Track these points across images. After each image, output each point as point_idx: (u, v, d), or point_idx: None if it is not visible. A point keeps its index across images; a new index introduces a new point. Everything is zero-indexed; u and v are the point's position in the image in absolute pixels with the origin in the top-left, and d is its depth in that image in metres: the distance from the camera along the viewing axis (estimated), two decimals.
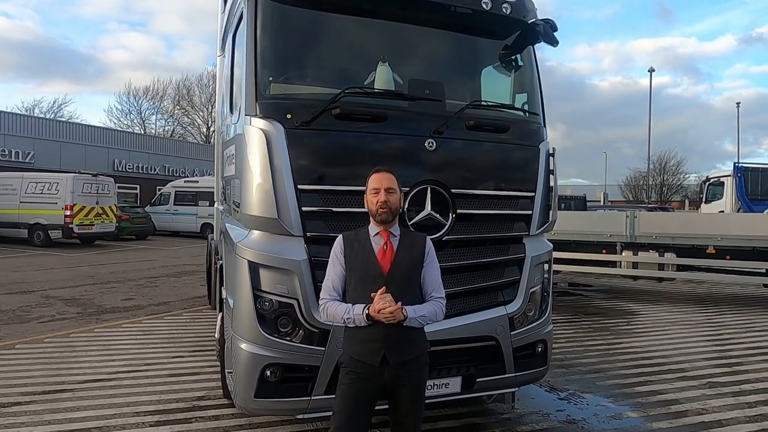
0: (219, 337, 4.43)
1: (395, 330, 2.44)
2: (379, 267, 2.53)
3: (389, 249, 2.56)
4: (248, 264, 3.28)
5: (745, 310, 8.89)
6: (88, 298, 9.06)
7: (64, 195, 17.65)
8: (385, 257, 2.55)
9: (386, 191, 2.56)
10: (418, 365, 2.58)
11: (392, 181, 2.60)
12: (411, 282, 2.58)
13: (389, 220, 2.58)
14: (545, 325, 4.04)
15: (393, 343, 2.47)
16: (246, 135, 3.39)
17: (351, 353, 2.55)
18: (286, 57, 3.59)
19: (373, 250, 2.56)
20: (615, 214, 10.57)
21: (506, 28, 3.97)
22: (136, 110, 46.41)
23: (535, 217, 3.95)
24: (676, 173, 52.54)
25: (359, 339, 2.51)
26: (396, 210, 2.59)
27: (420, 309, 2.51)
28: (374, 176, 2.63)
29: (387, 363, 2.47)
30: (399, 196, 2.63)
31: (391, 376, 2.49)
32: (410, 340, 2.54)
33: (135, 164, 30.04)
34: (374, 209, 2.57)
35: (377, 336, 2.45)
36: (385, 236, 2.58)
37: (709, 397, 4.71)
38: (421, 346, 2.61)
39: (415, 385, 2.57)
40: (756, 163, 21.17)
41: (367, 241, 2.59)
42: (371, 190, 2.60)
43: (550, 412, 4.33)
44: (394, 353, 2.47)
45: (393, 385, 2.52)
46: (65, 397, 4.46)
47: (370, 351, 2.48)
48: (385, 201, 2.54)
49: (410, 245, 2.62)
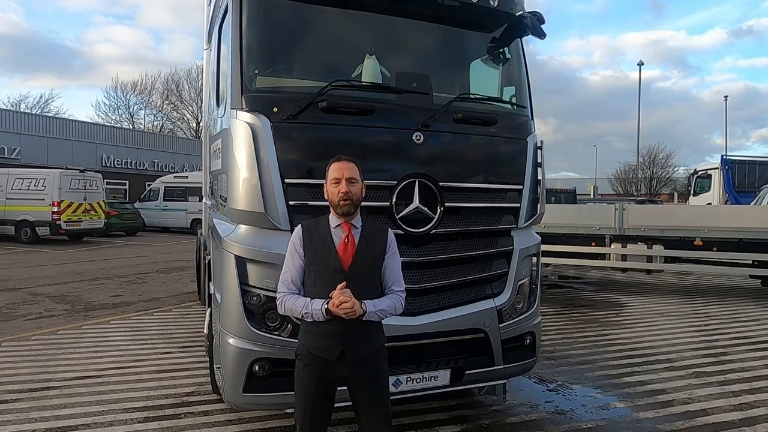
0: (208, 332, 4.41)
1: (353, 325, 2.38)
2: (339, 262, 2.42)
3: (351, 243, 2.45)
4: (235, 259, 3.27)
5: (732, 301, 9.01)
6: (76, 294, 8.98)
7: (51, 191, 17.46)
8: (346, 252, 2.44)
9: (347, 181, 2.42)
10: (376, 359, 2.51)
11: (354, 170, 2.46)
12: (372, 276, 2.49)
13: (351, 213, 2.45)
14: (533, 317, 4.06)
15: (351, 338, 2.40)
16: (232, 129, 3.36)
17: (308, 347, 2.46)
18: (272, 49, 3.56)
19: (333, 244, 2.45)
20: (604, 207, 10.66)
21: (494, 20, 3.96)
22: (124, 105, 46.02)
23: (523, 209, 3.96)
24: (665, 166, 53.05)
25: (317, 333, 2.43)
26: (358, 201, 2.47)
27: (379, 303, 2.44)
28: (334, 165, 2.48)
29: (344, 358, 2.41)
30: (361, 186, 2.49)
31: (348, 372, 2.44)
32: (368, 335, 2.47)
33: (123, 160, 29.74)
34: (335, 201, 2.43)
35: (335, 331, 2.39)
36: (346, 229, 2.47)
37: (695, 387, 4.76)
38: (379, 340, 2.54)
39: (376, 379, 2.50)
40: (743, 155, 21.39)
41: (327, 234, 2.47)
42: (331, 180, 2.45)
43: (538, 404, 4.36)
44: (351, 349, 2.41)
45: (352, 381, 2.47)
46: (52, 394, 4.42)
47: (327, 346, 2.41)
48: (346, 192, 2.41)
49: (372, 238, 2.52)
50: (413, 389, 3.51)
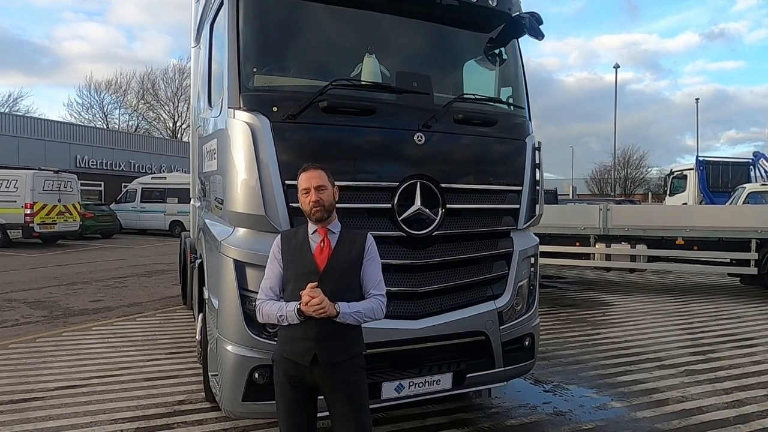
0: (200, 338, 4.28)
1: (329, 328, 2.35)
2: (314, 264, 2.43)
3: (326, 246, 2.47)
4: (234, 263, 3.16)
5: (712, 299, 9.20)
6: (54, 300, 8.67)
7: (23, 193, 16.87)
8: (321, 254, 2.45)
9: (316, 190, 2.45)
10: (352, 368, 2.44)
11: (322, 177, 2.49)
12: (349, 280, 2.47)
13: (325, 218, 2.48)
14: (532, 318, 4.05)
15: (325, 342, 2.37)
16: (229, 129, 3.26)
17: (282, 351, 2.46)
18: (270, 47, 3.46)
19: (309, 248, 2.47)
20: (588, 208, 10.78)
21: (492, 20, 3.94)
22: (98, 104, 44.82)
23: (523, 211, 3.95)
24: (639, 167, 54.31)
25: (291, 337, 2.41)
26: (330, 206, 2.49)
27: (355, 305, 2.41)
28: (302, 176, 2.52)
29: (317, 363, 2.37)
30: (332, 191, 2.51)
31: (321, 378, 2.39)
32: (344, 339, 2.43)
33: (99, 160, 28.96)
34: (308, 210, 2.47)
35: (309, 334, 2.36)
36: (322, 233, 2.49)
37: (687, 385, 4.82)
38: (356, 347, 2.49)
39: (350, 388, 2.43)
40: (717, 157, 21.96)
41: (305, 239, 2.50)
42: (301, 191, 2.49)
43: (537, 405, 4.36)
44: (325, 353, 2.37)
45: (325, 387, 2.42)
46: (35, 405, 4.23)
47: (301, 350, 2.38)
48: (316, 200, 2.44)
49: (349, 242, 2.52)
50: (415, 394, 3.46)
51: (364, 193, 3.31)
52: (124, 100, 45.61)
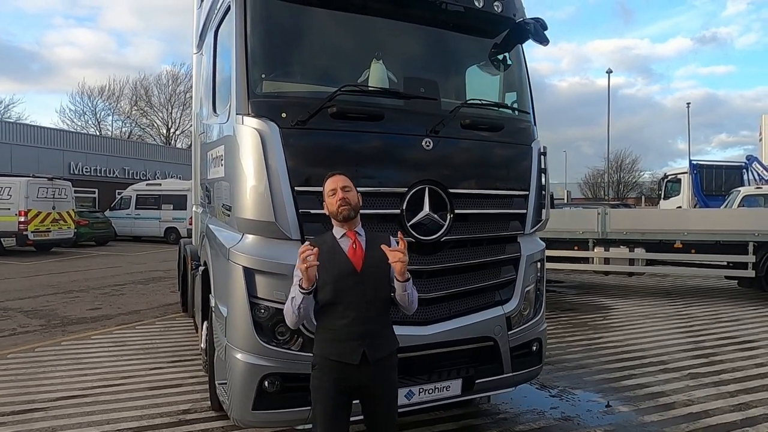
0: (205, 346, 4.24)
1: (372, 326, 2.46)
2: (351, 265, 2.49)
3: (359, 247, 2.53)
4: (243, 270, 3.14)
5: (711, 302, 9.25)
6: (51, 308, 8.58)
7: (17, 200, 16.72)
8: (355, 255, 2.52)
9: (342, 189, 2.53)
10: (391, 365, 2.56)
11: (346, 180, 2.58)
12: (382, 279, 2.54)
13: (351, 217, 2.53)
14: (540, 323, 4.04)
15: (370, 339, 2.46)
16: (238, 135, 3.24)
17: (326, 355, 2.48)
18: (278, 53, 3.46)
19: (342, 251, 2.52)
20: (587, 212, 10.83)
21: (497, 26, 3.96)
22: (90, 111, 44.59)
23: (529, 216, 3.96)
24: (632, 171, 54.67)
25: (334, 339, 2.46)
26: (356, 206, 2.55)
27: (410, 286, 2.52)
28: (328, 181, 2.60)
29: (366, 361, 2.43)
30: (356, 194, 2.59)
31: (368, 375, 2.45)
32: (385, 336, 2.55)
33: (93, 167, 28.74)
34: (335, 209, 2.53)
35: (353, 334, 2.43)
36: (351, 236, 2.55)
37: (692, 389, 4.83)
38: (394, 342, 2.61)
39: (390, 380, 2.55)
40: (711, 160, 22.21)
41: (334, 243, 2.55)
42: (328, 193, 2.56)
43: (544, 410, 4.34)
44: (372, 350, 2.45)
45: (372, 383, 2.48)
46: (38, 416, 4.17)
47: (348, 350, 2.43)
48: (343, 197, 2.50)
49: (377, 243, 2.57)
50: (426, 400, 3.43)
51: (373, 199, 3.29)
52: (117, 107, 45.47)
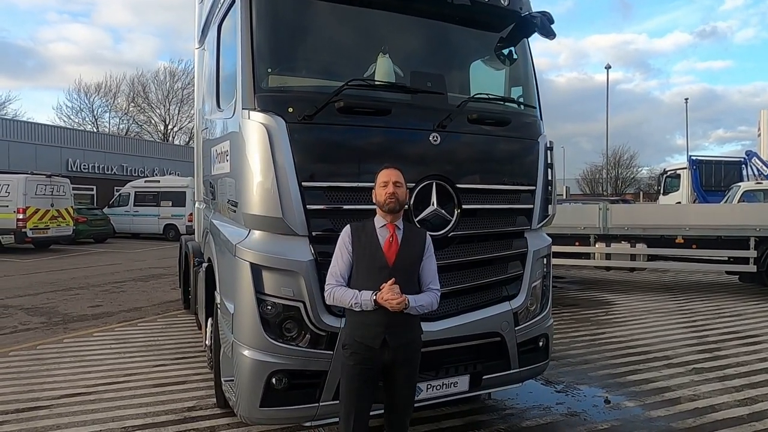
0: (210, 343, 4.22)
1: (396, 317, 2.62)
2: (385, 258, 2.69)
3: (394, 241, 2.73)
4: (250, 266, 3.11)
5: (713, 296, 9.26)
6: (52, 306, 8.54)
7: (15, 197, 16.62)
8: (390, 249, 2.71)
9: (394, 184, 2.73)
10: (413, 348, 2.78)
11: (399, 176, 2.78)
12: (411, 274, 2.76)
13: (396, 210, 2.74)
14: (546, 319, 4.03)
15: (393, 328, 2.65)
16: (244, 130, 3.21)
17: (354, 336, 2.70)
18: (284, 48, 3.42)
19: (379, 242, 2.72)
20: (588, 207, 10.80)
21: (503, 19, 3.93)
22: (87, 108, 44.32)
23: (536, 211, 3.94)
24: (629, 166, 54.67)
25: (363, 323, 2.67)
26: (403, 202, 2.76)
27: (419, 299, 2.71)
28: (383, 172, 2.80)
29: (387, 345, 2.65)
30: (405, 190, 2.80)
31: (390, 357, 2.67)
32: (408, 326, 2.73)
33: (90, 164, 28.58)
34: (383, 200, 2.73)
35: (380, 321, 2.63)
36: (390, 229, 2.74)
37: (697, 383, 4.83)
38: (417, 330, 2.82)
39: (411, 365, 2.76)
40: (710, 156, 22.15)
41: (373, 233, 2.74)
42: (380, 183, 2.76)
43: (550, 406, 4.34)
44: (393, 337, 2.66)
45: (391, 364, 2.69)
46: (42, 414, 4.14)
47: (372, 334, 2.65)
48: (393, 192, 2.71)
49: (412, 239, 2.80)
50: (434, 396, 3.42)
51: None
52: (114, 104, 45.19)
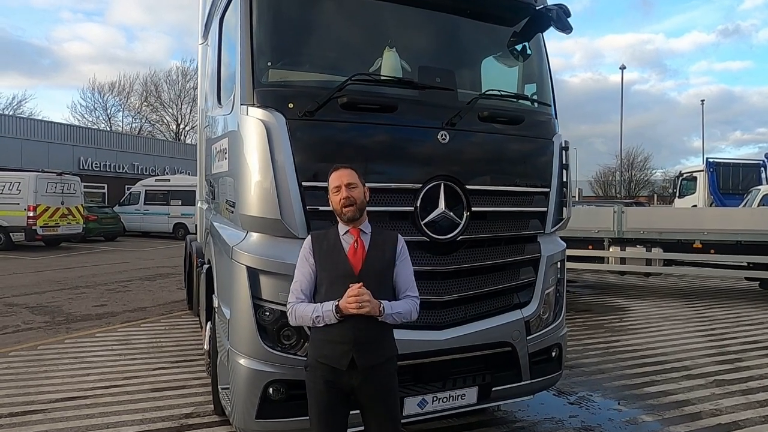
0: (208, 348, 4.08)
1: (365, 331, 2.31)
2: (349, 266, 2.39)
3: (360, 247, 2.42)
4: (247, 270, 2.96)
5: (731, 304, 8.95)
6: (57, 305, 8.48)
7: (26, 195, 16.69)
8: (356, 256, 2.41)
9: (347, 187, 2.41)
10: (387, 372, 2.42)
11: (352, 175, 2.45)
12: (383, 281, 2.43)
13: (357, 217, 2.43)
14: (560, 328, 3.83)
15: (362, 344, 2.32)
16: (242, 127, 3.06)
17: (316, 356, 2.39)
18: (286, 41, 3.25)
19: (343, 249, 2.42)
20: (602, 210, 10.52)
21: (517, 13, 3.74)
22: (101, 107, 44.71)
23: (550, 214, 3.74)
24: (643, 169, 53.88)
25: (326, 340, 2.35)
26: (362, 204, 2.44)
27: (396, 306, 2.38)
28: (333, 175, 2.48)
29: (355, 366, 2.31)
30: (362, 189, 2.46)
31: (359, 382, 2.34)
32: (379, 342, 2.40)
33: (102, 162, 28.78)
34: (338, 208, 2.43)
35: (346, 337, 2.31)
36: (354, 234, 2.45)
37: (719, 397, 4.59)
38: (390, 349, 2.47)
39: (387, 396, 2.41)
40: (727, 158, 21.69)
41: (336, 240, 2.45)
42: (332, 190, 2.46)
43: (563, 419, 4.13)
44: (362, 355, 2.32)
45: (362, 394, 2.36)
46: (35, 419, 4.02)
47: (337, 353, 2.32)
48: (347, 197, 2.40)
49: (381, 243, 2.48)
50: (439, 409, 3.24)
51: (385, 195, 3.10)
52: (127, 103, 45.55)
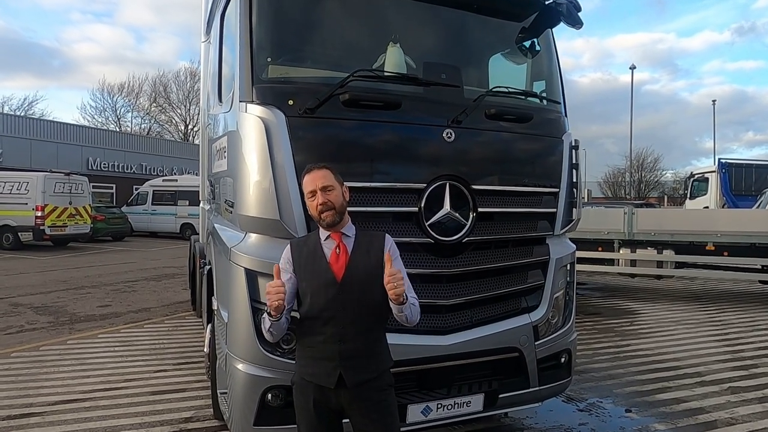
0: (208, 351, 3.99)
1: (352, 344, 2.18)
2: (331, 274, 2.21)
3: (342, 252, 2.25)
4: (245, 272, 2.86)
5: (745, 307, 8.75)
6: (61, 305, 8.46)
7: (34, 195, 16.76)
8: (338, 262, 2.24)
9: (323, 191, 2.24)
10: (380, 387, 2.25)
11: (327, 177, 2.28)
12: (371, 288, 2.22)
13: (336, 222, 2.26)
14: (569, 333, 3.70)
15: (350, 360, 2.18)
16: (241, 125, 2.97)
17: (302, 374, 2.26)
18: (286, 36, 3.16)
19: (324, 256, 2.25)
20: (613, 211, 10.35)
21: (526, 8, 3.63)
22: (110, 107, 44.98)
23: (560, 215, 3.62)
24: (653, 170, 53.32)
25: (312, 357, 2.22)
26: (341, 207, 2.27)
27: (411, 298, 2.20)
28: (306, 178, 2.31)
29: (344, 385, 2.16)
30: (341, 190, 2.29)
31: (348, 402, 2.19)
32: (368, 354, 2.23)
33: (110, 163, 28.92)
34: (316, 214, 2.27)
35: (332, 353, 2.17)
36: (336, 238, 2.28)
37: (735, 405, 4.44)
38: (383, 362, 2.30)
39: (381, 411, 2.23)
40: (740, 159, 21.42)
41: (317, 246, 2.28)
42: (308, 195, 2.30)
43: (572, 427, 4.01)
44: (351, 372, 2.17)
45: (354, 414, 2.21)
46: (33, 422, 3.96)
47: (324, 371, 2.18)
48: (324, 202, 2.23)
49: (367, 245, 2.29)
50: (444, 417, 3.13)
51: (388, 196, 3.00)
52: (136, 103, 45.81)
